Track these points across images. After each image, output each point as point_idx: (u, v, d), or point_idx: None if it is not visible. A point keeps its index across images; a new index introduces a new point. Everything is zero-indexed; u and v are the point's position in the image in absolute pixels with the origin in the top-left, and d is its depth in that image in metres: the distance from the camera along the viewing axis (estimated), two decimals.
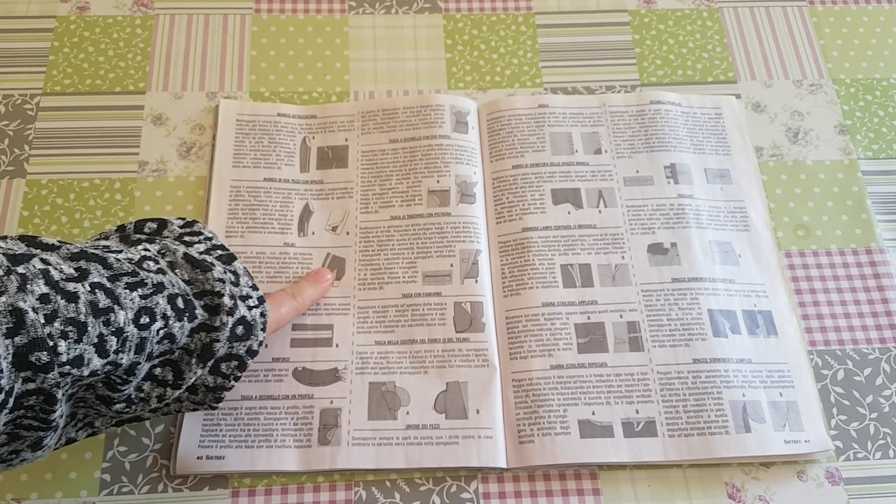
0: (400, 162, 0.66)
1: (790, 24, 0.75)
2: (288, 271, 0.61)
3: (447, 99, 0.68)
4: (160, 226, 0.50)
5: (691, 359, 0.58)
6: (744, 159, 0.67)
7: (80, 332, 0.39)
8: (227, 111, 0.68)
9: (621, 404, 0.57)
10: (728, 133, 0.68)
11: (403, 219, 0.63)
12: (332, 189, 0.65)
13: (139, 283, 0.42)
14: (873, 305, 0.62)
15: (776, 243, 0.64)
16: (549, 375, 0.58)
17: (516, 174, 0.65)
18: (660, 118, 0.68)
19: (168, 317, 0.43)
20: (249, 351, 0.48)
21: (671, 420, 0.56)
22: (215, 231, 0.62)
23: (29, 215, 0.63)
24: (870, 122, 0.70)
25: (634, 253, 0.62)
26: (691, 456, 0.55)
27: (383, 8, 0.75)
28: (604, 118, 0.68)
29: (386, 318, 0.60)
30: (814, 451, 0.56)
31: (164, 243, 0.47)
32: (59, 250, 0.42)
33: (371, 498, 0.54)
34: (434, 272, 0.61)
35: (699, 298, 0.60)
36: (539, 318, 0.60)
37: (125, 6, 0.73)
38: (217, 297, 0.45)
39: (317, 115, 0.68)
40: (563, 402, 0.57)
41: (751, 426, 0.56)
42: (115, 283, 0.42)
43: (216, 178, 0.65)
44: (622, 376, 0.58)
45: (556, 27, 0.74)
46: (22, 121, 0.67)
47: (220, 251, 0.49)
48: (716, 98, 0.70)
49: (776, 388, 0.58)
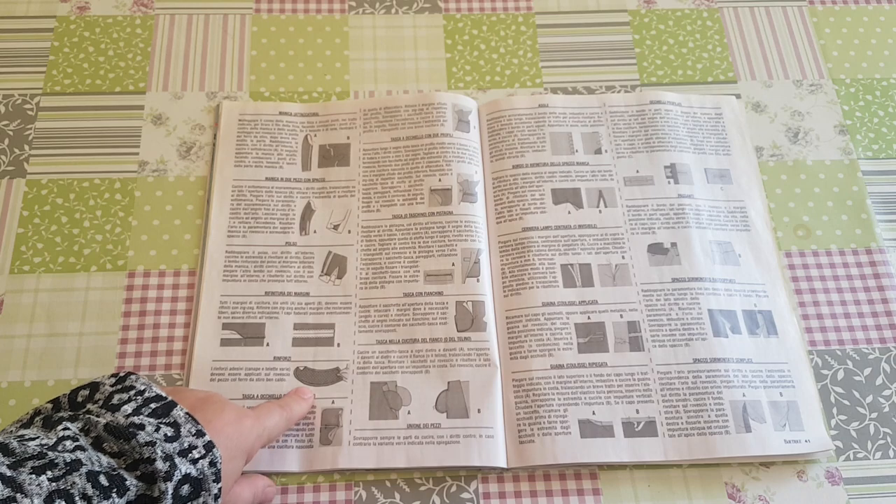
0: (402, 160, 0.66)
1: (790, 24, 0.75)
2: (290, 270, 0.61)
3: (449, 97, 0.68)
4: (92, 390, 0.45)
5: (692, 358, 0.58)
6: (744, 159, 0.67)
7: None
8: (230, 112, 0.68)
9: (622, 404, 0.57)
10: (728, 133, 0.68)
11: (405, 217, 0.63)
12: (334, 187, 0.65)
13: (48, 465, 0.39)
14: (873, 305, 0.62)
15: (776, 243, 0.64)
16: (550, 375, 0.58)
17: (517, 174, 0.65)
18: (660, 118, 0.68)
19: (90, 496, 0.39)
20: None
21: (671, 420, 0.56)
22: (220, 236, 0.61)
23: (29, 215, 0.63)
24: (870, 122, 0.70)
25: (634, 253, 0.62)
26: (691, 456, 0.55)
27: (383, 8, 0.75)
28: (604, 118, 0.68)
29: (387, 317, 0.60)
30: (814, 451, 0.56)
31: (87, 418, 0.42)
32: None
33: (371, 498, 0.54)
34: (436, 271, 0.61)
35: (699, 298, 0.60)
36: (539, 318, 0.60)
37: (125, 6, 0.73)
38: (149, 465, 0.41)
39: (318, 113, 0.68)
40: (563, 402, 0.57)
41: (751, 426, 0.56)
42: (17, 469, 0.38)
43: (218, 178, 0.65)
44: (622, 376, 0.58)
45: (556, 27, 0.74)
46: (22, 121, 0.67)
47: (154, 404, 0.44)
48: (716, 98, 0.70)
49: (776, 388, 0.58)
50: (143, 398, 0.44)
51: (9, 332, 0.59)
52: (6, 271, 0.61)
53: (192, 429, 0.43)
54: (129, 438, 0.41)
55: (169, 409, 0.44)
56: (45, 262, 0.61)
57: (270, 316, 0.60)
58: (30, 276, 0.61)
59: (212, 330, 0.59)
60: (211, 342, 0.59)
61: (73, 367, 0.58)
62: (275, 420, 0.52)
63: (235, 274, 0.61)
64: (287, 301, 0.60)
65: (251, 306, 0.60)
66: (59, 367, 0.58)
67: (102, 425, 0.42)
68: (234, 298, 0.60)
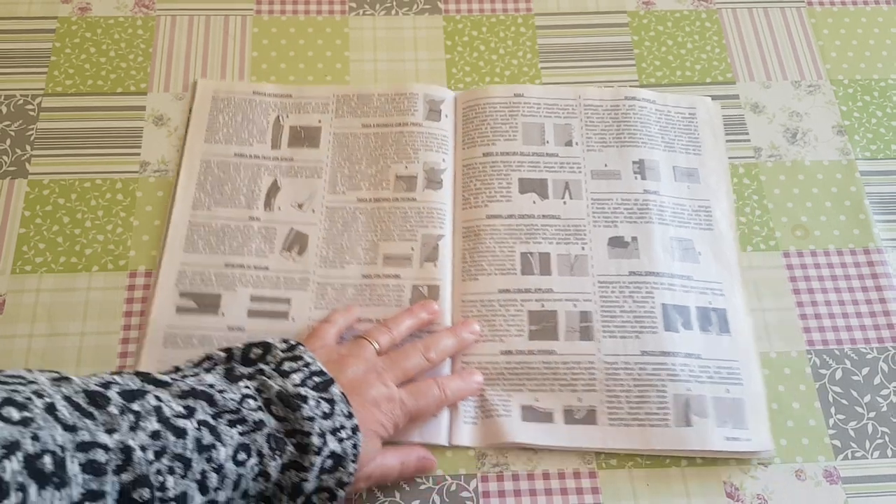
0: (371, 146, 0.67)
1: (788, 25, 0.75)
2: (251, 244, 0.62)
3: (421, 88, 0.69)
4: (265, 350, 0.50)
5: (640, 350, 0.59)
6: (714, 159, 0.68)
7: (185, 469, 0.41)
8: (205, 89, 0.69)
9: (565, 392, 0.57)
10: (701, 133, 0.69)
11: (369, 201, 0.64)
12: (302, 167, 0.66)
13: (239, 420, 0.45)
14: (871, 305, 0.62)
15: (738, 243, 0.64)
16: (498, 360, 0.58)
17: (486, 161, 0.66)
18: (633, 114, 0.69)
19: (263, 454, 0.45)
20: (339, 483, 0.47)
21: (612, 409, 0.57)
22: (184, 207, 0.63)
23: (30, 215, 0.63)
24: (868, 123, 0.70)
25: (595, 245, 0.63)
26: (629, 446, 0.56)
27: (383, 9, 0.75)
28: (578, 111, 0.69)
29: (344, 296, 0.61)
30: (755, 450, 0.56)
31: (263, 380, 0.47)
32: (170, 388, 0.45)
33: (372, 497, 0.54)
34: (395, 255, 0.62)
35: (654, 292, 0.61)
36: (494, 304, 0.60)
37: (126, 7, 0.74)
38: (306, 437, 0.46)
39: (292, 95, 0.69)
40: (508, 388, 0.58)
41: (692, 420, 0.56)
42: (217, 419, 0.44)
43: (187, 152, 0.66)
44: (569, 364, 0.58)
45: (556, 28, 0.75)
46: (24, 121, 0.67)
47: (317, 378, 0.49)
48: (691, 98, 0.70)
49: (723, 385, 0.58)
50: (309, 370, 0.49)
51: (10, 331, 0.59)
52: (8, 271, 0.61)
53: (344, 409, 0.48)
54: (294, 409, 0.46)
55: (328, 385, 0.49)
56: (47, 262, 0.62)
57: (228, 287, 0.61)
58: (31, 276, 0.61)
59: (169, 298, 0.60)
60: (167, 309, 0.60)
61: (74, 367, 0.58)
62: (428, 400, 0.54)
63: (197, 245, 0.62)
64: (246, 274, 0.61)
65: (209, 277, 0.61)
66: (61, 366, 0.57)
67: (275, 392, 0.47)
68: (194, 268, 0.61)
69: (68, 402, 0.40)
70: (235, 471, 0.44)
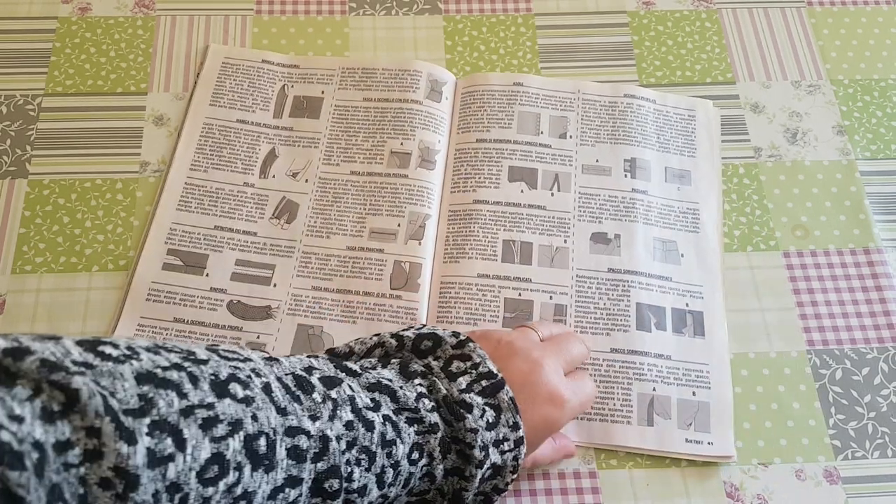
0: (369, 120, 0.67)
1: (788, 25, 0.75)
2: (242, 209, 0.63)
3: (426, 66, 0.70)
4: (434, 344, 0.49)
5: (609, 348, 0.59)
6: (707, 163, 0.67)
7: (370, 462, 0.42)
8: (216, 54, 0.70)
9: None
10: (697, 136, 0.69)
11: (362, 175, 0.65)
12: (300, 137, 0.67)
13: (417, 420, 0.45)
14: (871, 305, 0.62)
15: (723, 247, 0.64)
16: None
17: (478, 147, 0.66)
18: (630, 112, 0.69)
19: (434, 457, 0.45)
20: (495, 489, 0.47)
21: None
22: (182, 167, 0.64)
23: (31, 215, 0.64)
24: (868, 123, 0.71)
25: (577, 239, 0.63)
26: (591, 440, 0.56)
27: (383, 9, 0.75)
28: (575, 104, 0.69)
29: (327, 266, 0.61)
30: (715, 455, 0.56)
31: (433, 381, 0.46)
32: (359, 378, 0.45)
33: None
34: (381, 229, 0.63)
35: (630, 291, 0.61)
36: (472, 288, 0.61)
37: (126, 7, 0.74)
38: (468, 448, 0.45)
39: (299, 66, 0.70)
40: None
41: (654, 420, 0.56)
42: (398, 416, 0.44)
43: (191, 114, 0.67)
44: None
45: (556, 28, 0.75)
46: (24, 121, 0.67)
47: (484, 381, 0.47)
48: (692, 100, 0.70)
49: (690, 387, 0.58)
50: (478, 373, 0.47)
51: (10, 331, 0.59)
52: (8, 271, 0.61)
53: (510, 419, 0.46)
54: (458, 419, 0.45)
55: (497, 389, 0.47)
56: (47, 262, 0.62)
57: (215, 249, 0.62)
58: (31, 276, 0.61)
59: (157, 254, 0.61)
60: (154, 265, 0.61)
61: None
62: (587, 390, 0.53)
63: (190, 205, 0.63)
64: (234, 238, 0.62)
65: (198, 237, 0.62)
66: None
67: (442, 395, 0.46)
68: (184, 228, 0.62)
69: (280, 384, 0.41)
70: (408, 469, 0.44)
